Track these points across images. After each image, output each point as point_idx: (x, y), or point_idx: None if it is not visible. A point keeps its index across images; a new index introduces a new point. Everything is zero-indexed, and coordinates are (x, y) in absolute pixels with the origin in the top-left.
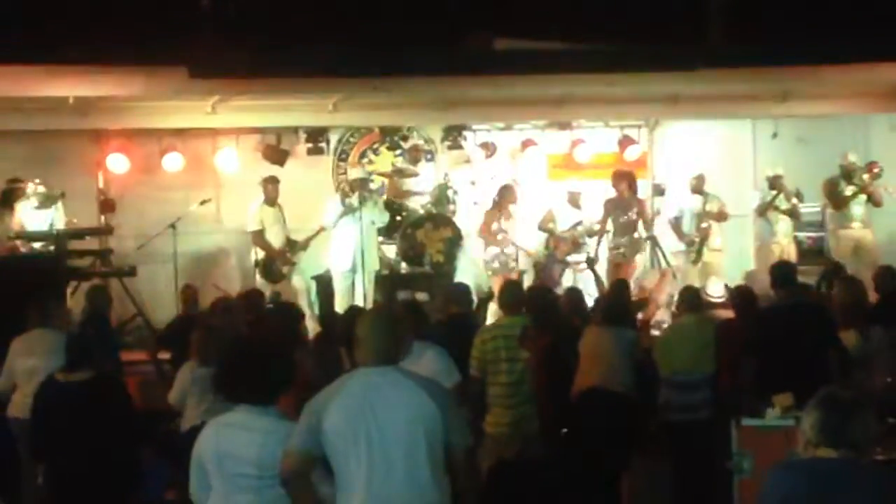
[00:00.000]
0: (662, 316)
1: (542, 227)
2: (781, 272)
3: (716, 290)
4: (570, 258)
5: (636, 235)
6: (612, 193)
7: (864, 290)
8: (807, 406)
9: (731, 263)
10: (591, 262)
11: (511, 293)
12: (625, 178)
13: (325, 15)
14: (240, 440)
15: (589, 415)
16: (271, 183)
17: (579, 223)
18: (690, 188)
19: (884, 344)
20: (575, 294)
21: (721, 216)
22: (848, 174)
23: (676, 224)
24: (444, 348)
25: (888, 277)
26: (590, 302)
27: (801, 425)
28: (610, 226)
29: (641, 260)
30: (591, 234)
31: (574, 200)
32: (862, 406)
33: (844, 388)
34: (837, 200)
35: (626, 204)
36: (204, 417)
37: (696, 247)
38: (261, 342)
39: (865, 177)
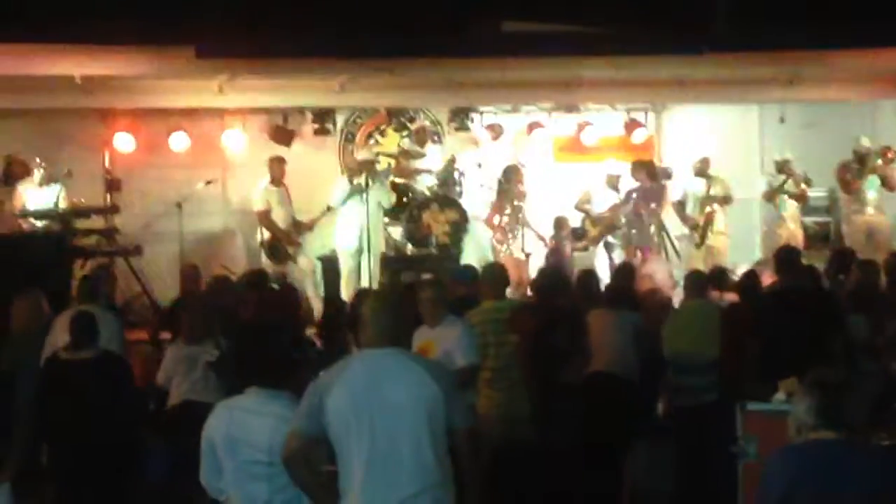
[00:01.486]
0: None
1: (578, 208)
2: (786, 257)
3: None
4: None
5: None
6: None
7: (878, 275)
8: (797, 391)
9: (737, 248)
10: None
11: (495, 277)
12: (643, 168)
13: None
14: (252, 425)
15: (592, 398)
16: (277, 163)
17: (617, 205)
18: (694, 171)
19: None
20: (587, 277)
21: (726, 199)
22: (861, 159)
23: (680, 207)
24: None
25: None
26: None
27: (793, 410)
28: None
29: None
30: (628, 217)
31: (612, 182)
32: (853, 387)
33: (832, 371)
34: (850, 185)
35: (648, 193)
36: (186, 396)
37: (699, 230)
38: (272, 324)
39: (879, 161)
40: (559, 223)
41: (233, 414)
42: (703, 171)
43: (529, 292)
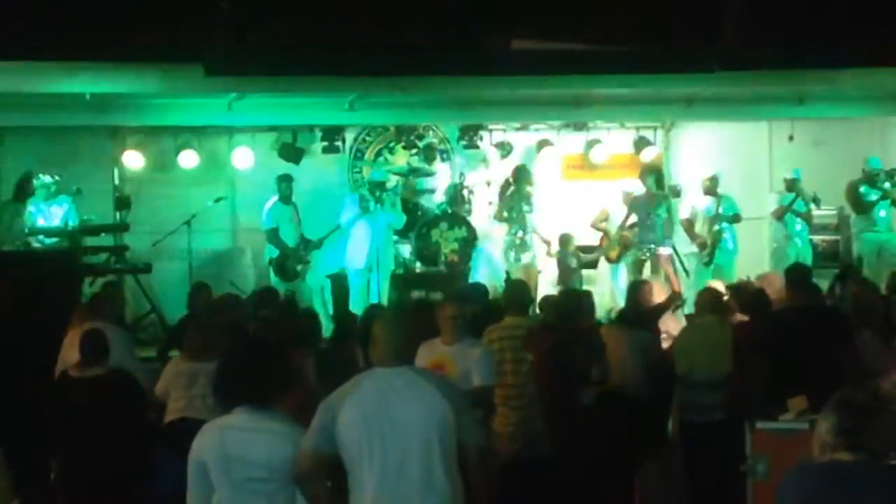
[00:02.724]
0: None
1: (595, 226)
2: (796, 275)
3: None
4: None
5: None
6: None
7: (878, 291)
8: (823, 410)
9: (745, 266)
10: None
11: (516, 294)
12: (652, 173)
13: (342, 13)
14: (248, 443)
15: (601, 415)
16: (286, 181)
17: (634, 224)
18: (703, 189)
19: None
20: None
21: (734, 218)
22: (871, 178)
23: (689, 225)
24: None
25: None
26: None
27: (817, 429)
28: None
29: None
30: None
31: (628, 200)
32: (879, 409)
33: (860, 392)
34: (860, 205)
35: (652, 201)
36: (183, 413)
37: (708, 249)
38: (260, 343)
39: (887, 185)
40: (564, 239)
41: (224, 433)
42: (713, 189)
43: (538, 310)
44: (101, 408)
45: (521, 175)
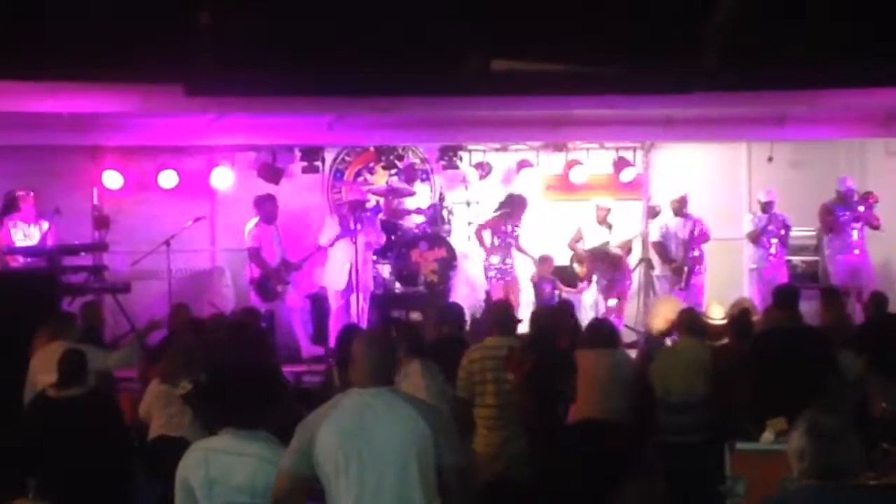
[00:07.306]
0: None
1: (570, 247)
2: (784, 294)
3: (717, 314)
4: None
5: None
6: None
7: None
8: (792, 433)
9: (724, 287)
10: None
11: (500, 313)
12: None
13: (322, 34)
14: (233, 467)
15: (580, 438)
16: (270, 202)
17: (607, 243)
18: (672, 210)
19: (854, 370)
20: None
21: (701, 238)
22: (844, 199)
23: (661, 248)
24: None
25: (877, 305)
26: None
27: (788, 450)
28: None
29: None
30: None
31: (602, 218)
32: (846, 433)
33: (828, 415)
34: (832, 225)
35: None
36: (163, 431)
37: (685, 274)
38: (245, 366)
39: (861, 208)
40: (542, 261)
41: (209, 456)
42: (680, 209)
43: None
44: (79, 427)
45: (515, 202)
